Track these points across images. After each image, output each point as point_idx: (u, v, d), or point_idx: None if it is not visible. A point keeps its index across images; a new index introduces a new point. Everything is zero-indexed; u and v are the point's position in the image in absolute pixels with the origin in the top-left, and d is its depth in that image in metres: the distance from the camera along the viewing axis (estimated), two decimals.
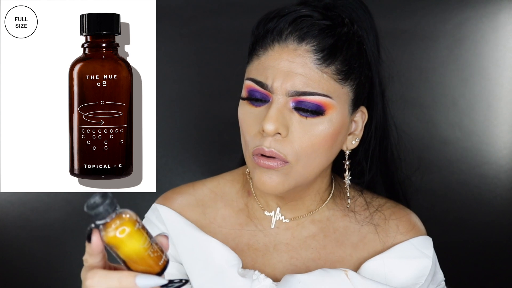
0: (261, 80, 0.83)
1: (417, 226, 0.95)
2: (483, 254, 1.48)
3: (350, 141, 0.89)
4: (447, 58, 1.42)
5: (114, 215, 0.59)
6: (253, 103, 0.85)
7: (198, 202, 0.96)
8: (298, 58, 0.80)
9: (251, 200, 0.96)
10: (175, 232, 0.91)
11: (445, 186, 1.45)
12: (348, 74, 0.82)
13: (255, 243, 0.93)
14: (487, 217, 1.46)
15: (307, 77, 0.80)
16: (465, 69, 1.43)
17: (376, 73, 0.88)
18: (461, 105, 1.44)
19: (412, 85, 1.42)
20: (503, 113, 1.44)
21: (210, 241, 0.90)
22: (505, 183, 1.45)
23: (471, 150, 1.45)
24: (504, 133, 1.45)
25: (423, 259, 0.91)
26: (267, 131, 0.80)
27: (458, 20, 1.41)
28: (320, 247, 0.93)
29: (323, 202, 0.94)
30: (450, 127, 1.44)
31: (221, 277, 0.87)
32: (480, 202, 1.46)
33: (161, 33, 1.55)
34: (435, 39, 1.41)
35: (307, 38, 0.81)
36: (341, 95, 0.82)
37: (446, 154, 1.45)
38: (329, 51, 0.81)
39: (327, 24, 0.82)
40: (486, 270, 1.49)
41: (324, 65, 0.80)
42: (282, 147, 0.81)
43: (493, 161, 1.45)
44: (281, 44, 0.82)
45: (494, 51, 1.42)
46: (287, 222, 0.93)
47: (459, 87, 1.43)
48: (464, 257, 1.46)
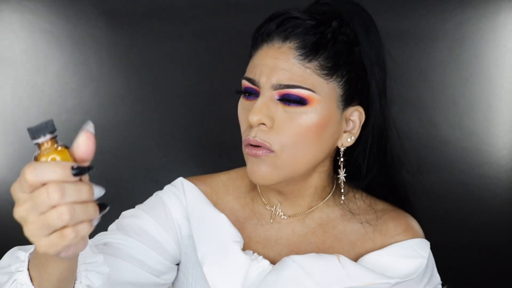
0: (251, 77, 0.89)
1: (414, 228, 0.98)
2: (483, 254, 1.48)
3: (346, 139, 0.92)
4: (447, 58, 1.42)
5: (47, 138, 0.61)
6: (246, 97, 0.91)
7: (213, 192, 1.02)
8: (282, 55, 0.86)
9: (256, 195, 1.01)
10: (192, 203, 0.98)
11: (445, 186, 1.45)
12: (333, 70, 0.87)
13: (256, 236, 0.97)
14: (487, 217, 1.46)
15: (291, 71, 0.85)
16: (465, 69, 1.43)
17: (372, 74, 0.90)
18: (461, 105, 1.44)
19: (412, 85, 1.43)
20: (503, 113, 1.44)
21: (220, 216, 0.96)
22: (505, 183, 1.45)
23: (471, 150, 1.45)
24: (504, 133, 1.45)
25: (419, 258, 0.93)
26: (251, 121, 0.86)
27: (458, 20, 1.41)
28: (320, 242, 0.96)
29: (323, 200, 0.96)
30: (450, 127, 1.44)
31: (223, 250, 0.92)
32: (480, 202, 1.46)
33: (161, 33, 1.55)
34: (435, 39, 1.42)
35: (291, 37, 0.87)
36: (326, 90, 0.87)
37: (446, 154, 1.45)
38: (311, 47, 0.86)
39: (311, 24, 0.88)
40: (486, 270, 1.49)
41: (306, 61, 0.86)
42: (267, 137, 0.86)
43: (493, 161, 1.45)
44: (268, 44, 0.89)
45: (494, 51, 1.42)
46: (285, 218, 0.97)
47: (459, 87, 1.43)
48: (464, 256, 1.46)
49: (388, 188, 1.01)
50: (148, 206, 0.97)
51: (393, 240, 0.96)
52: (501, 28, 1.41)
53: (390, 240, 0.96)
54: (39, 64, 1.49)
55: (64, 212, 0.56)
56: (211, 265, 0.92)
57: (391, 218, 0.98)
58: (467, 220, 1.46)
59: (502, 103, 1.43)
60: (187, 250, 0.97)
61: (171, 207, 0.97)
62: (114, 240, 0.90)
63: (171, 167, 1.43)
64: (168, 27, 1.48)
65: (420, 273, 0.94)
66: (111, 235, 0.91)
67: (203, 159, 1.45)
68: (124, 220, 0.94)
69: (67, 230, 0.57)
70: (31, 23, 1.48)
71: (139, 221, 0.94)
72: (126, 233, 0.92)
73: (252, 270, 0.91)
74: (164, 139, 1.52)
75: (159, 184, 1.08)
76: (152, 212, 0.95)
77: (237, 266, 0.91)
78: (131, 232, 0.92)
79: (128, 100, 1.52)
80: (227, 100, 1.53)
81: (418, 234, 0.98)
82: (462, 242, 1.46)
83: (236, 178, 1.04)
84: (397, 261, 0.93)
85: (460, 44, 1.41)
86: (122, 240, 0.91)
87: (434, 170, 1.43)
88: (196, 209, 0.97)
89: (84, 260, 0.75)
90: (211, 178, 1.04)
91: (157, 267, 0.93)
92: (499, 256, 1.48)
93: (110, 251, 0.88)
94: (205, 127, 1.47)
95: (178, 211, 0.97)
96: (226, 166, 1.10)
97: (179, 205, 0.97)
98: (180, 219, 0.96)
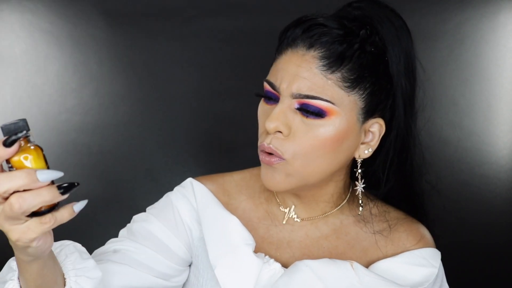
0: (272, 81, 0.87)
1: (426, 238, 0.98)
2: (483, 254, 1.48)
3: (363, 150, 0.90)
4: (447, 58, 1.42)
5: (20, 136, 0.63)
6: (267, 101, 0.90)
7: (225, 192, 1.01)
8: (304, 63, 0.84)
9: (271, 195, 1.00)
10: (203, 205, 0.97)
11: (445, 186, 1.45)
12: (356, 82, 0.85)
13: (269, 237, 0.96)
14: (487, 217, 1.46)
15: (312, 81, 0.83)
16: (465, 69, 1.43)
17: (398, 86, 0.89)
18: (461, 105, 1.44)
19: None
20: (503, 113, 1.44)
21: (231, 219, 0.95)
22: (505, 183, 1.45)
23: (471, 150, 1.45)
24: (504, 133, 1.45)
25: (429, 268, 0.93)
26: (267, 128, 0.84)
27: (458, 20, 1.41)
28: (332, 247, 0.95)
29: (337, 206, 0.96)
30: (450, 127, 1.44)
31: (235, 253, 0.92)
32: (480, 202, 1.46)
33: (161, 33, 1.55)
34: (435, 39, 1.42)
35: (316, 45, 0.84)
36: (346, 102, 0.85)
37: (446, 154, 1.45)
38: (335, 58, 0.84)
39: (338, 33, 0.85)
40: (486, 270, 1.49)
41: (329, 72, 0.83)
42: (281, 145, 0.85)
43: (493, 161, 1.45)
44: (293, 49, 0.86)
45: (494, 51, 1.42)
46: (298, 221, 0.96)
47: (459, 87, 1.43)
48: (464, 256, 1.46)
49: (404, 197, 1.01)
50: (157, 209, 0.97)
51: (405, 249, 0.95)
52: (501, 28, 1.41)
53: (402, 248, 0.95)
54: (39, 64, 1.50)
55: (13, 202, 0.60)
56: (223, 268, 0.91)
57: (404, 227, 0.98)
58: (467, 220, 1.46)
59: (502, 103, 1.43)
60: (198, 252, 0.96)
61: (180, 210, 0.96)
62: (123, 247, 0.92)
63: (171, 167, 1.43)
64: (168, 27, 1.48)
65: (431, 283, 0.93)
66: (120, 242, 0.92)
67: (203, 159, 1.45)
68: (133, 226, 0.95)
69: (45, 218, 0.63)
70: (31, 23, 1.48)
71: (148, 226, 0.94)
72: (135, 239, 0.93)
73: (264, 273, 0.91)
74: (164, 139, 1.52)
75: (159, 184, 1.08)
76: (161, 216, 0.95)
77: (249, 269, 0.91)
78: (139, 237, 0.93)
79: (128, 100, 1.52)
80: (227, 100, 1.54)
81: (430, 244, 0.98)
82: (462, 242, 1.46)
83: (250, 177, 1.03)
84: (408, 269, 0.93)
85: (460, 44, 1.41)
86: (130, 246, 0.92)
87: (434, 170, 1.43)
88: (206, 211, 0.96)
89: (74, 266, 0.78)
90: (223, 177, 1.02)
91: (166, 271, 0.93)
92: (499, 256, 1.48)
93: (118, 258, 0.90)
94: (205, 127, 1.47)
95: (188, 214, 0.96)
96: (226, 166, 1.10)
97: (189, 207, 0.97)
98: (191, 221, 0.96)
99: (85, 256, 0.81)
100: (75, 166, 1.51)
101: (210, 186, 1.00)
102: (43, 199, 0.62)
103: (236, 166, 1.08)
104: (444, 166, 1.45)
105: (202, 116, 1.48)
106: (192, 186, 0.99)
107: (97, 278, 0.80)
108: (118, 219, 1.03)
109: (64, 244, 0.81)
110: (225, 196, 1.00)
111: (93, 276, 0.79)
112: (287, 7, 1.38)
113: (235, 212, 0.98)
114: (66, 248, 0.80)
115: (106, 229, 0.95)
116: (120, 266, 0.89)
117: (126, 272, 0.89)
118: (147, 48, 1.51)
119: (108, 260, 0.89)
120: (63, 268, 0.78)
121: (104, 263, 0.88)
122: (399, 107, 0.90)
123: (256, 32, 1.44)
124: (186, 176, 1.02)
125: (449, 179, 1.45)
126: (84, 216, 0.74)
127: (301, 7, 0.96)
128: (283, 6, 1.43)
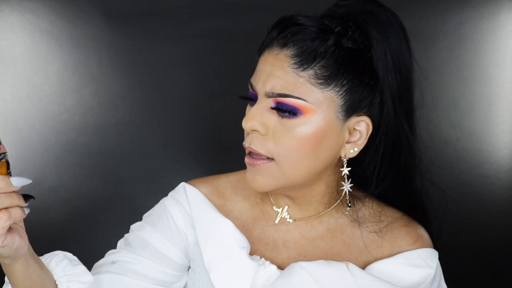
0: (252, 82, 0.89)
1: (423, 238, 0.97)
2: (483, 253, 1.48)
3: (349, 149, 0.89)
4: (447, 58, 1.42)
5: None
6: (250, 102, 0.90)
7: (219, 194, 1.00)
8: (278, 62, 0.85)
9: (265, 196, 1.00)
10: (196, 210, 0.97)
11: (445, 186, 1.45)
12: (331, 79, 0.84)
13: (265, 237, 0.96)
14: (487, 217, 1.46)
15: (284, 79, 0.84)
16: (465, 69, 1.43)
17: (386, 82, 0.87)
18: (461, 105, 1.44)
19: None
20: (503, 113, 1.44)
21: (226, 222, 0.95)
22: (505, 183, 1.45)
23: (471, 150, 1.45)
24: (504, 133, 1.45)
25: (427, 268, 0.93)
26: (244, 127, 0.86)
27: (458, 20, 1.41)
28: (328, 247, 0.95)
29: (331, 206, 0.96)
30: (450, 127, 1.44)
31: (230, 256, 0.92)
32: (480, 202, 1.46)
33: (161, 33, 1.55)
34: (435, 39, 1.42)
35: (289, 44, 0.85)
36: (321, 100, 0.84)
37: (446, 154, 1.45)
38: (307, 56, 0.84)
39: (312, 31, 0.85)
40: (486, 270, 1.49)
41: (300, 70, 0.84)
42: (262, 145, 0.86)
43: (493, 161, 1.45)
44: (269, 50, 0.87)
45: (494, 51, 1.42)
46: (290, 222, 0.96)
47: (459, 87, 1.43)
48: (464, 256, 1.46)
49: (402, 196, 1.00)
50: (153, 217, 0.97)
51: (401, 249, 0.95)
52: (501, 28, 1.41)
53: (398, 249, 0.95)
54: (39, 64, 1.50)
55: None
56: (218, 272, 0.92)
57: (400, 227, 0.97)
58: (467, 220, 1.46)
59: (502, 103, 1.43)
60: (195, 256, 0.96)
61: (175, 216, 0.96)
62: (120, 258, 0.93)
63: (171, 167, 1.43)
64: (168, 27, 1.48)
65: (428, 284, 0.93)
66: (118, 254, 0.94)
67: (203, 159, 1.45)
68: (130, 236, 0.96)
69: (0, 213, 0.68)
70: (31, 23, 1.48)
71: (144, 235, 0.95)
72: (132, 250, 0.94)
73: (260, 275, 0.91)
74: (164, 139, 1.52)
75: (159, 184, 1.08)
76: (157, 225, 0.96)
77: (244, 271, 0.91)
78: (136, 247, 0.94)
79: (128, 100, 1.52)
80: (227, 100, 1.54)
81: (427, 244, 0.97)
82: (462, 242, 1.46)
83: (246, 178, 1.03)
84: (405, 270, 0.92)
85: (460, 44, 1.41)
86: (127, 257, 0.93)
87: (434, 170, 1.43)
88: (200, 215, 0.96)
89: (65, 272, 0.83)
90: (218, 179, 1.02)
91: (165, 278, 0.95)
92: (499, 256, 1.48)
93: (116, 269, 0.92)
94: (205, 127, 1.47)
95: (182, 219, 0.96)
96: (226, 166, 1.10)
97: (183, 212, 0.97)
98: (185, 226, 0.96)
99: (75, 262, 0.85)
100: (75, 166, 1.50)
101: (204, 189, 0.99)
102: (15, 202, 0.70)
103: (236, 166, 1.08)
104: (444, 166, 1.45)
105: (202, 116, 1.48)
106: (185, 191, 0.99)
107: (89, 282, 0.84)
108: (118, 219, 1.03)
109: (54, 254, 0.85)
110: (219, 198, 1.00)
111: (84, 280, 0.84)
112: (287, 7, 1.38)
113: (231, 213, 0.98)
114: (55, 257, 0.84)
115: (106, 228, 0.95)
116: (118, 276, 0.91)
117: (125, 282, 0.91)
118: (147, 48, 1.51)
119: (106, 271, 0.91)
120: (54, 275, 0.82)
121: (103, 274, 0.90)
122: (388, 104, 0.88)
123: (256, 32, 1.44)
124: (186, 176, 1.02)
125: (449, 179, 1.44)
126: (84, 216, 0.74)
127: (301, 7, 0.96)
128: (283, 6, 1.43)
